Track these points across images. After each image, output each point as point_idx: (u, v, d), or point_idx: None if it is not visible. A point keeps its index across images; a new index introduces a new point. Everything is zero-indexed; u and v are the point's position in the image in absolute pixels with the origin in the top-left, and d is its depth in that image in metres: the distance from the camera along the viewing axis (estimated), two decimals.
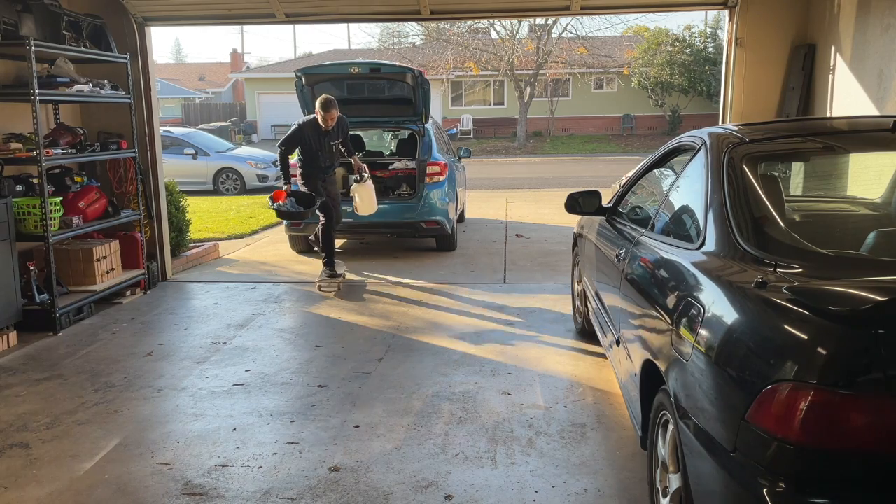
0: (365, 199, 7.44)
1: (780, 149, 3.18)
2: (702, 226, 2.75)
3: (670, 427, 2.49)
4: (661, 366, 2.58)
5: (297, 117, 7.42)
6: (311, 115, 7.02)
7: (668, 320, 2.54)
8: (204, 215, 11.84)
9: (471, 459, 3.49)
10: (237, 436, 3.80)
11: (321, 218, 7.10)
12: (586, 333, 5.22)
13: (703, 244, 2.66)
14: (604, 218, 4.33)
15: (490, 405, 4.13)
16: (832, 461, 1.77)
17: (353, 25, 65.35)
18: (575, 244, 5.53)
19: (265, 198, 14.65)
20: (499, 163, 24.85)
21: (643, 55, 31.02)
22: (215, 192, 16.58)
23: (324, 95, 6.93)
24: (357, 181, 7.41)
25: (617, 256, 3.67)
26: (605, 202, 4.34)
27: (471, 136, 33.04)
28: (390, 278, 7.43)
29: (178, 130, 18.97)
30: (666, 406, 2.52)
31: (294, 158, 7.23)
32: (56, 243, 5.89)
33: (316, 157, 6.95)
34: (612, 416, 3.97)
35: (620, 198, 4.27)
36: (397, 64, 9.92)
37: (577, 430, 3.80)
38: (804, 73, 6.35)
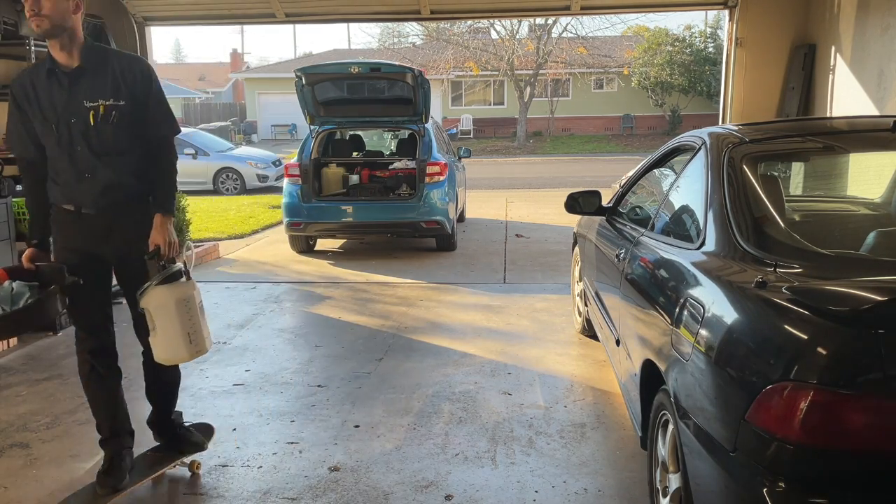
0: (164, 329, 3.06)
1: (780, 149, 3.18)
2: (702, 226, 2.75)
3: (670, 427, 2.49)
4: (661, 366, 2.58)
5: (297, 117, 5.63)
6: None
7: (668, 320, 2.54)
8: (204, 215, 11.84)
9: (471, 459, 3.49)
10: (237, 436, 3.80)
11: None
12: (586, 333, 5.22)
13: (703, 244, 2.66)
14: (604, 218, 4.34)
15: (490, 405, 4.13)
16: (832, 461, 1.77)
17: (353, 25, 65.35)
18: (575, 244, 5.53)
19: (265, 198, 14.76)
20: (499, 163, 24.86)
21: (643, 55, 31.02)
22: (215, 192, 16.58)
23: None
24: (158, 269, 3.12)
25: (617, 256, 3.67)
26: (605, 202, 4.34)
27: (471, 136, 33.03)
28: (390, 278, 7.43)
29: None
30: (666, 406, 2.52)
31: None
32: None
33: (54, 148, 3.01)
34: (612, 416, 3.97)
35: (620, 198, 4.27)
36: (397, 64, 9.92)
37: (577, 430, 3.80)
38: (804, 73, 6.35)
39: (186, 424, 3.53)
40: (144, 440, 3.47)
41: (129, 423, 3.32)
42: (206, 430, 3.57)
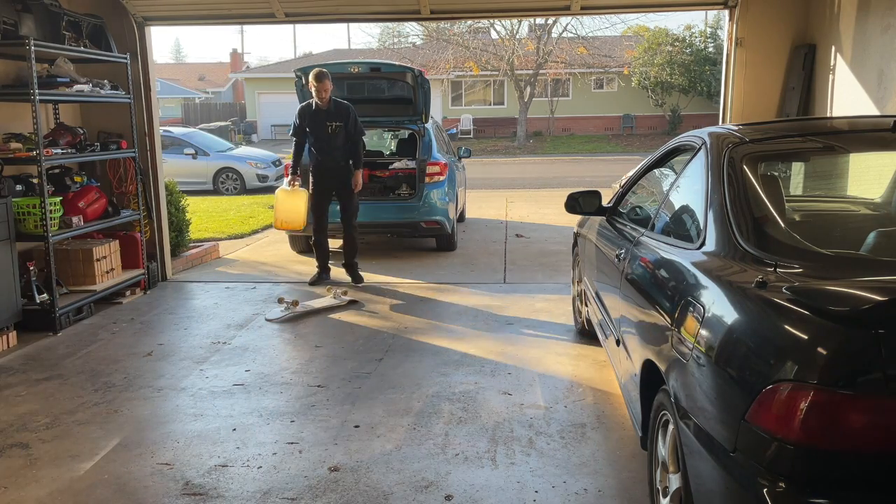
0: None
1: (780, 149, 3.18)
2: (702, 226, 2.75)
3: (670, 427, 2.49)
4: (661, 366, 2.58)
5: None
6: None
7: (668, 320, 2.54)
8: (204, 215, 11.84)
9: (471, 459, 3.49)
10: (237, 436, 3.80)
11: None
12: (586, 333, 5.22)
13: (703, 244, 2.66)
14: (604, 218, 4.33)
15: (490, 405, 4.13)
16: (832, 461, 1.77)
17: (353, 25, 65.31)
18: (575, 244, 5.53)
19: (265, 198, 14.76)
20: (499, 163, 24.85)
21: (643, 55, 31.02)
22: (215, 192, 16.58)
23: (318, 68, 6.84)
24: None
25: (617, 256, 3.67)
26: (605, 202, 4.34)
27: (471, 136, 33.03)
28: (390, 278, 7.43)
29: (178, 130, 18.98)
30: (666, 406, 2.52)
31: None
32: (56, 243, 5.89)
33: (312, 142, 6.89)
34: (612, 416, 3.97)
35: (620, 198, 4.27)
36: (397, 63, 9.92)
37: (577, 430, 3.80)
38: (804, 73, 6.35)
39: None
40: None
41: (328, 265, 7.21)
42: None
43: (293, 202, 6.99)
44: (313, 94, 6.78)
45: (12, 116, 6.09)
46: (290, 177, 7.06)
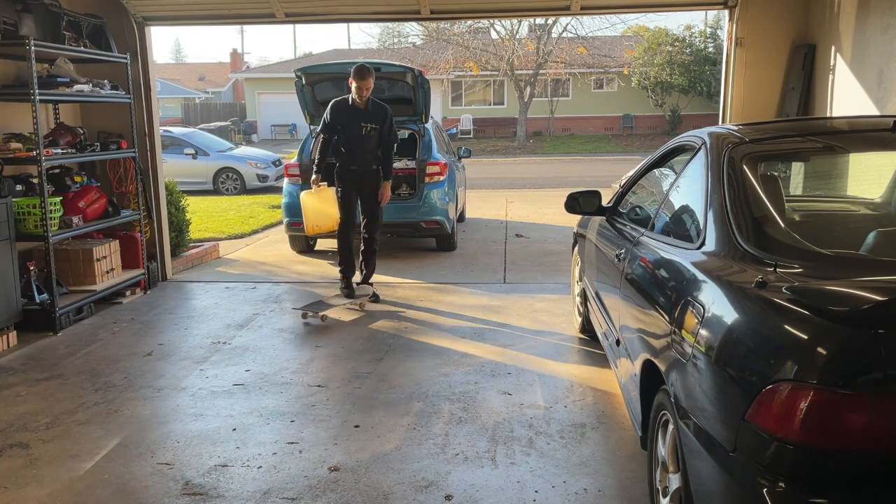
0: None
1: (780, 149, 3.18)
2: (702, 226, 2.75)
3: (670, 427, 2.49)
4: (661, 366, 2.58)
5: (297, 117, 7.15)
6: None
7: (668, 320, 2.54)
8: (204, 215, 11.84)
9: (471, 459, 3.49)
10: (237, 436, 3.80)
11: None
12: (586, 333, 5.22)
13: (703, 244, 2.66)
14: (604, 218, 4.34)
15: (490, 405, 4.13)
16: (832, 461, 1.77)
17: (353, 25, 65.41)
18: (575, 244, 5.54)
19: (265, 198, 14.78)
20: (499, 163, 24.86)
21: (643, 55, 31.04)
22: (215, 192, 16.58)
23: (359, 64, 6.34)
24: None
25: (617, 256, 3.67)
26: (605, 202, 4.34)
27: (471, 136, 33.03)
28: (390, 278, 7.42)
29: (178, 130, 18.98)
30: (666, 406, 2.52)
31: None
32: (56, 243, 5.89)
33: (342, 141, 6.30)
34: (612, 416, 3.97)
35: (620, 198, 4.27)
36: (397, 63, 9.91)
37: (577, 430, 3.80)
38: (804, 73, 6.35)
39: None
40: None
41: (354, 265, 6.61)
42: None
43: (323, 204, 6.32)
44: (353, 90, 6.19)
45: (12, 116, 6.09)
46: (313, 176, 6.36)
